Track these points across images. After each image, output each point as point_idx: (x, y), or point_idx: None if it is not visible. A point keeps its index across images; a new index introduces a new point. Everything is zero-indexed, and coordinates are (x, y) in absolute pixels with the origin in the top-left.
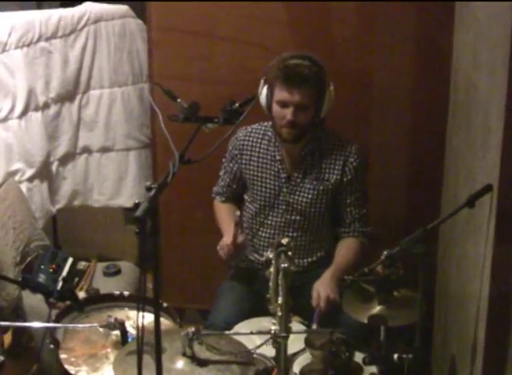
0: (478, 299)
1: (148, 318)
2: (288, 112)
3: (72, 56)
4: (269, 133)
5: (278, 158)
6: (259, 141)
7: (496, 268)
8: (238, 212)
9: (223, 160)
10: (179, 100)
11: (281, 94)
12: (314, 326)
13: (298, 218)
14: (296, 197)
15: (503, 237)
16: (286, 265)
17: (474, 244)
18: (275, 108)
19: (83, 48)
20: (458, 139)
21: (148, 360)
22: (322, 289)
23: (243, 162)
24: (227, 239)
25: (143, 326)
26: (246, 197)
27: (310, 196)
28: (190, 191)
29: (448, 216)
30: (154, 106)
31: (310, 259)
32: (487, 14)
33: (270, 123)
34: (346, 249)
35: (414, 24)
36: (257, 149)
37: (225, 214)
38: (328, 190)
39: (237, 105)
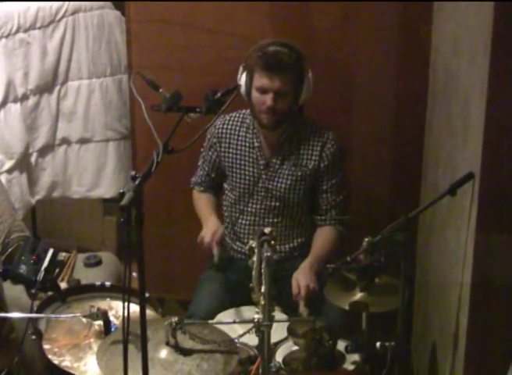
0: (459, 286)
1: (132, 308)
2: (268, 98)
3: (50, 47)
4: (247, 121)
5: (256, 144)
6: (237, 128)
7: (479, 255)
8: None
9: (201, 150)
10: (161, 90)
11: (261, 80)
12: (301, 309)
13: (277, 204)
14: (274, 183)
15: (486, 224)
16: (269, 253)
17: (456, 232)
18: (255, 94)
19: (62, 40)
20: (438, 128)
21: (132, 350)
22: (302, 278)
23: (222, 149)
24: (206, 235)
25: (128, 316)
26: (225, 185)
27: (288, 182)
28: (171, 181)
29: (430, 203)
30: (137, 95)
31: (291, 245)
32: (468, 3)
33: (248, 110)
34: (323, 238)
35: (394, 15)
36: (236, 136)
37: (203, 204)
38: (306, 176)
39: (219, 94)
